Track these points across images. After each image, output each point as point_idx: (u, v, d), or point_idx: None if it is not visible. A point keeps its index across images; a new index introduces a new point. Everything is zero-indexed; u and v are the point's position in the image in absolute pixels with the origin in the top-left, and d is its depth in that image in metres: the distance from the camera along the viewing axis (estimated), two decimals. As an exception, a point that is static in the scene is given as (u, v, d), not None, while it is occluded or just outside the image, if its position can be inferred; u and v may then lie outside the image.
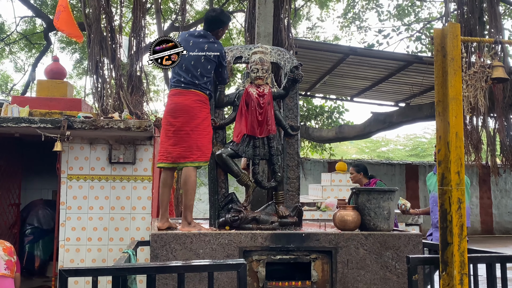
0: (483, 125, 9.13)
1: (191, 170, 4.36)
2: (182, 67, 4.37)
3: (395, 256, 4.20)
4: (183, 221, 4.39)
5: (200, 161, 4.35)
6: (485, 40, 3.82)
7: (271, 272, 4.12)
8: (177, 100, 4.38)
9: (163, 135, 4.44)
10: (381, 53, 11.54)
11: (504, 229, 17.77)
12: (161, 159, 4.42)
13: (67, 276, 2.80)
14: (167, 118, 4.41)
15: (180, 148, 4.33)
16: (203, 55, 4.38)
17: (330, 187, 8.57)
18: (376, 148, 29.09)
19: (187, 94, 4.36)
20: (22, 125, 5.47)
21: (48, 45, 13.81)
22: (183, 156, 4.33)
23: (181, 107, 4.34)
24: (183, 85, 4.36)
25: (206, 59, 4.39)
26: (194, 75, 4.36)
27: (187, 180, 4.36)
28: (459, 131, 3.15)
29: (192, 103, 4.34)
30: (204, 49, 4.39)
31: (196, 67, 4.37)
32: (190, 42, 4.42)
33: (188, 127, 4.31)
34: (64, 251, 5.86)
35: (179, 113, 4.34)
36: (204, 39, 4.46)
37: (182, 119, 4.32)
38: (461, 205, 3.12)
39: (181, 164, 4.37)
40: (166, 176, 4.46)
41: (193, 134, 4.32)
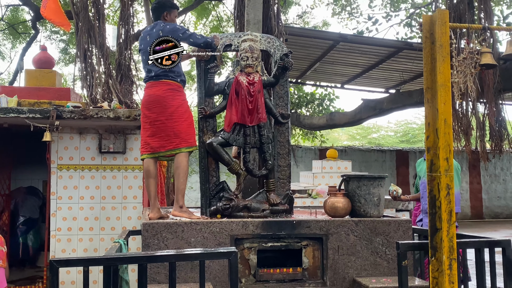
0: (473, 110, 9.18)
1: (182, 155, 4.44)
2: (147, 62, 4.42)
3: (385, 242, 4.24)
4: (175, 204, 4.46)
5: (181, 147, 4.42)
6: (474, 27, 3.82)
7: (262, 260, 4.15)
8: (150, 92, 4.46)
9: (142, 128, 4.53)
10: (371, 39, 11.53)
11: (494, 213, 17.97)
12: (142, 151, 4.53)
13: (58, 266, 2.80)
14: (143, 110, 4.50)
15: (158, 138, 4.41)
16: None
17: (321, 174, 8.59)
18: (367, 134, 29.18)
19: (158, 85, 4.43)
20: (10, 115, 5.43)
21: (36, 34, 13.65)
22: (162, 145, 4.41)
23: (154, 98, 4.41)
24: (154, 77, 4.43)
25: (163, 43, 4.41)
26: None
27: (179, 165, 4.44)
28: (447, 117, 3.16)
29: (163, 93, 4.40)
30: (160, 35, 4.43)
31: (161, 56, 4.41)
32: (147, 37, 4.49)
33: (162, 117, 4.38)
34: (56, 241, 5.85)
35: (153, 105, 4.41)
36: (156, 27, 4.51)
37: (156, 109, 4.40)
38: (450, 191, 3.15)
39: (162, 153, 4.45)
40: (148, 167, 4.50)
41: (169, 123, 4.39)
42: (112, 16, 14.75)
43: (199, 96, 4.80)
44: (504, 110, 9.48)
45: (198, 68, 4.81)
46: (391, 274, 4.20)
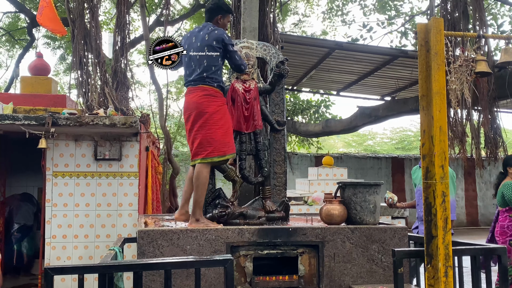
0: (468, 118, 9.21)
1: (202, 166, 4.28)
2: (190, 65, 4.35)
3: (381, 250, 4.24)
4: (192, 217, 4.33)
5: (213, 156, 4.26)
6: (469, 35, 3.85)
7: (258, 267, 4.13)
8: (187, 99, 4.38)
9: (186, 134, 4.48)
10: (366, 47, 11.57)
11: (489, 220, 17.95)
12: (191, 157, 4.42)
13: (53, 274, 2.79)
14: (184, 119, 4.42)
15: (196, 146, 4.30)
16: (205, 45, 4.31)
17: (317, 181, 8.60)
18: (362, 141, 29.22)
19: (195, 91, 4.32)
20: (6, 122, 5.41)
21: (32, 41, 13.65)
22: (196, 153, 4.30)
23: (191, 106, 4.32)
24: (192, 83, 4.34)
25: (209, 48, 4.30)
26: (202, 69, 4.30)
27: (198, 176, 4.29)
28: (443, 125, 3.17)
29: (199, 99, 4.28)
30: (205, 39, 4.32)
31: (202, 59, 4.30)
32: (193, 39, 4.39)
33: (197, 124, 4.27)
34: (50, 249, 5.82)
35: (189, 111, 4.33)
36: (204, 30, 4.40)
37: (193, 117, 4.30)
38: (445, 198, 3.15)
39: (197, 161, 4.31)
40: (190, 171, 4.46)
41: (203, 130, 4.26)
42: (108, 23, 14.75)
43: (195, 103, 4.80)
44: (499, 118, 9.51)
45: None
46: (387, 281, 4.20)
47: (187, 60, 4.36)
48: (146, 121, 6.41)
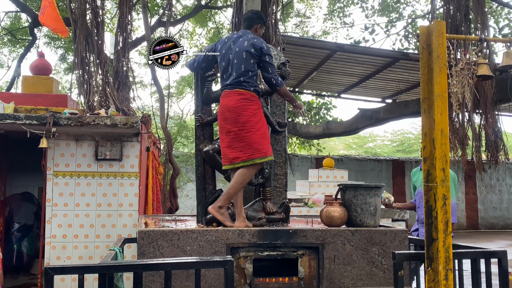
0: (469, 121, 9.21)
1: (246, 169, 4.32)
2: (227, 70, 4.36)
3: (381, 252, 4.24)
4: (239, 217, 4.37)
5: (254, 158, 4.28)
6: (470, 38, 3.85)
7: (258, 269, 4.13)
8: (223, 102, 4.36)
9: (220, 138, 4.45)
10: (368, 49, 11.58)
11: (489, 224, 17.98)
12: (223, 162, 4.43)
13: (53, 274, 2.79)
14: (219, 121, 4.41)
15: (233, 150, 4.31)
16: (244, 51, 4.32)
17: (318, 183, 8.59)
18: (363, 144, 29.22)
19: (231, 95, 4.33)
20: (7, 121, 5.41)
21: (33, 40, 13.65)
22: (237, 156, 4.30)
23: (227, 109, 4.32)
24: (229, 86, 4.34)
25: (248, 54, 4.31)
26: (239, 72, 4.31)
27: (238, 179, 4.33)
28: (444, 128, 3.17)
29: (236, 103, 4.29)
30: (245, 45, 4.34)
31: (240, 64, 4.31)
32: (231, 44, 4.41)
33: (235, 128, 4.28)
34: (50, 249, 5.82)
35: (227, 115, 4.32)
36: (244, 37, 4.42)
37: (230, 120, 4.30)
38: (446, 201, 3.15)
39: (236, 165, 4.32)
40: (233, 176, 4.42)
41: (242, 133, 4.28)
42: (107, 24, 14.76)
43: (196, 104, 4.81)
44: (500, 121, 9.52)
45: (196, 76, 4.81)
46: (387, 284, 4.19)
47: (225, 64, 4.38)
48: (147, 121, 6.42)
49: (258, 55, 4.33)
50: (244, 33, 4.47)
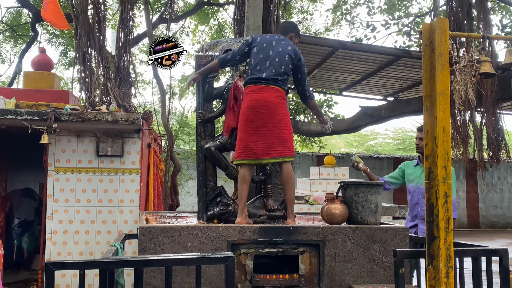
0: (471, 119, 9.20)
1: (289, 165, 4.36)
2: (265, 63, 4.33)
3: (382, 250, 4.23)
4: (290, 215, 4.39)
5: (284, 156, 4.31)
6: (473, 35, 3.83)
7: (259, 265, 4.13)
8: (258, 96, 4.30)
9: (242, 131, 4.34)
10: (370, 47, 11.56)
11: (490, 222, 17.98)
12: (243, 156, 4.32)
13: (53, 269, 2.78)
14: (247, 114, 4.31)
15: (263, 145, 4.27)
16: (287, 54, 4.37)
17: (319, 180, 8.59)
18: (364, 141, 29.21)
19: (267, 90, 4.30)
20: (8, 117, 5.41)
21: (35, 36, 13.65)
22: (266, 152, 4.27)
23: (263, 104, 4.27)
24: (263, 81, 4.30)
25: (289, 58, 4.38)
26: (278, 71, 4.32)
27: (290, 175, 4.35)
28: (446, 125, 3.16)
29: (274, 99, 4.29)
30: (288, 49, 4.40)
31: (281, 63, 4.34)
32: (273, 42, 4.42)
33: (270, 123, 4.26)
34: (51, 244, 5.82)
35: (261, 110, 4.27)
36: (285, 41, 4.48)
37: (264, 115, 4.26)
38: (448, 199, 3.14)
39: (265, 161, 4.32)
40: (246, 172, 4.34)
41: (276, 130, 4.28)
42: (109, 20, 14.74)
43: (197, 101, 4.80)
44: (502, 120, 9.51)
45: None
46: (387, 281, 4.19)
47: (262, 57, 4.35)
48: (148, 118, 6.41)
49: (297, 64, 4.44)
50: (284, 38, 4.53)
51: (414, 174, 5.26)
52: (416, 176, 5.21)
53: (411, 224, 5.29)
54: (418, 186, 5.11)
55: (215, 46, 4.82)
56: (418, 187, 5.11)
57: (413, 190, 5.25)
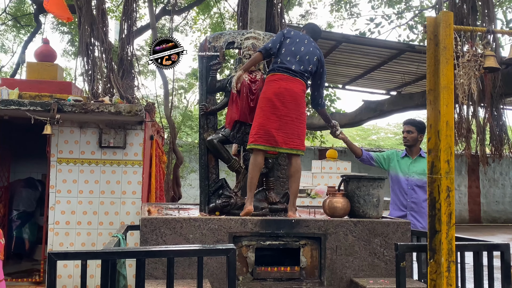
0: (474, 114, 9.17)
1: (299, 159, 4.44)
2: (296, 57, 4.38)
3: (384, 243, 4.24)
4: (292, 207, 4.41)
5: (299, 149, 4.37)
6: (478, 29, 3.82)
7: (260, 258, 4.14)
8: (287, 86, 4.32)
9: (264, 117, 4.29)
10: (373, 41, 11.52)
11: (492, 218, 17.98)
12: (260, 141, 4.27)
13: (56, 259, 2.79)
14: (273, 101, 4.29)
15: (283, 133, 4.29)
16: (316, 56, 4.47)
17: (321, 174, 8.60)
18: (367, 136, 29.18)
19: (295, 82, 4.36)
20: (11, 107, 5.42)
21: (39, 26, 13.63)
22: (285, 142, 4.30)
23: (291, 94, 4.31)
24: (291, 72, 4.34)
25: (317, 61, 4.49)
26: (306, 68, 4.40)
27: (299, 168, 4.42)
28: (449, 120, 3.16)
29: (301, 92, 4.38)
30: (317, 52, 4.51)
31: (309, 62, 4.42)
32: (305, 40, 4.48)
33: (294, 114, 4.31)
34: (54, 235, 5.85)
35: (289, 99, 4.30)
36: (315, 45, 4.57)
37: (291, 105, 4.30)
38: (450, 193, 3.14)
39: (282, 150, 4.34)
40: (259, 158, 4.32)
41: (297, 122, 4.34)
42: (114, 11, 14.72)
43: (200, 93, 4.80)
44: (505, 115, 9.48)
45: (200, 65, 4.79)
46: (388, 275, 4.20)
47: (294, 50, 4.39)
48: (151, 110, 6.41)
49: (320, 70, 4.56)
50: (314, 41, 4.60)
51: (401, 165, 5.21)
52: (404, 166, 5.18)
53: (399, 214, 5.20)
54: (407, 177, 5.08)
55: (218, 38, 4.81)
56: (407, 178, 5.07)
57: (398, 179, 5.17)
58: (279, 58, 4.39)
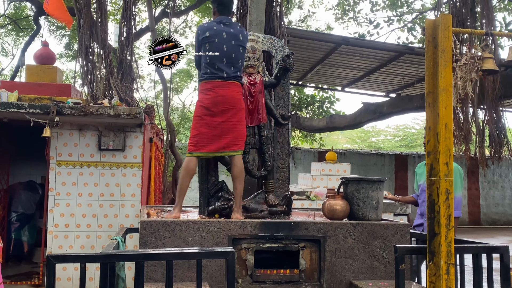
0: (473, 116, 9.18)
1: (241, 159, 4.43)
2: (221, 60, 4.29)
3: (383, 246, 4.24)
4: (238, 208, 4.39)
5: (241, 150, 4.41)
6: (477, 32, 3.82)
7: (259, 260, 4.14)
8: (222, 92, 4.31)
9: (203, 126, 4.33)
10: (373, 43, 11.53)
11: (491, 220, 17.95)
12: (201, 149, 4.34)
13: (55, 262, 2.79)
14: (210, 108, 4.31)
15: (227, 139, 4.32)
16: (240, 45, 4.37)
17: (320, 176, 8.59)
18: (366, 138, 29.18)
19: (231, 86, 4.34)
20: (10, 110, 5.42)
21: (38, 29, 13.64)
22: (228, 146, 4.33)
23: (227, 100, 4.30)
24: (225, 77, 4.31)
25: (243, 49, 4.42)
26: (237, 67, 4.36)
27: (242, 169, 4.42)
28: (448, 122, 3.16)
29: (237, 95, 4.36)
30: (240, 39, 4.39)
31: (238, 58, 4.36)
32: (223, 34, 4.34)
33: (235, 119, 4.32)
34: (53, 237, 5.84)
35: (225, 106, 4.30)
36: (235, 28, 4.42)
37: (230, 112, 4.30)
38: (449, 196, 3.14)
39: (225, 153, 4.37)
40: (193, 165, 4.38)
41: (239, 125, 4.35)
42: (114, 14, 14.73)
43: (200, 95, 4.79)
44: (504, 117, 9.48)
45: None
46: (388, 277, 4.20)
47: (219, 54, 4.30)
48: (150, 112, 6.41)
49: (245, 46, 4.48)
50: (231, 22, 4.47)
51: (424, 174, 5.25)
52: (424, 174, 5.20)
53: (419, 222, 5.28)
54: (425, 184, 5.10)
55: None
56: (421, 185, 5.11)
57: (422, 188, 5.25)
58: (208, 65, 4.33)
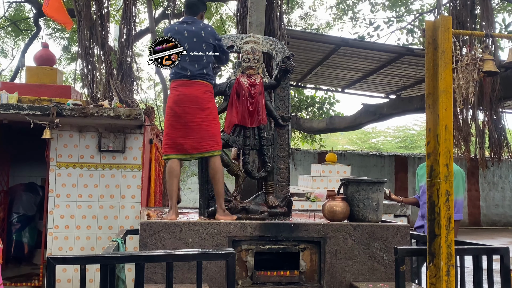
0: (473, 118, 9.17)
1: (218, 159, 4.35)
2: (184, 60, 4.26)
3: (383, 247, 4.24)
4: (219, 209, 4.34)
5: (214, 150, 4.32)
6: (476, 34, 3.83)
7: (259, 262, 4.14)
8: (185, 91, 4.29)
9: (170, 126, 4.33)
10: (373, 44, 11.53)
11: (491, 221, 17.95)
12: (169, 151, 4.34)
13: (55, 264, 2.79)
14: (174, 109, 4.30)
15: (191, 140, 4.28)
16: (203, 42, 4.32)
17: (320, 177, 8.59)
18: (366, 139, 29.19)
19: (194, 85, 4.30)
20: (10, 111, 5.41)
21: (38, 31, 13.65)
22: (195, 147, 4.29)
23: (190, 98, 4.27)
24: (189, 77, 4.29)
25: (207, 46, 4.34)
26: (201, 64, 4.31)
27: (217, 169, 4.34)
28: (448, 123, 3.16)
29: (201, 94, 4.30)
30: (202, 36, 4.33)
31: (201, 56, 4.30)
32: (184, 33, 4.32)
33: (198, 118, 4.27)
34: (53, 239, 5.84)
35: (188, 105, 4.27)
36: (197, 26, 4.37)
37: (192, 110, 4.26)
38: (449, 197, 3.14)
39: (194, 155, 4.34)
40: (175, 166, 4.35)
41: (204, 125, 4.28)
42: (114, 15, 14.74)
43: (200, 97, 4.78)
44: (504, 118, 9.48)
45: None
46: (388, 279, 4.19)
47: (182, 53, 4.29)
48: (150, 113, 6.41)
49: (215, 44, 4.39)
50: (193, 20, 4.43)
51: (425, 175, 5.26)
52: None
53: (420, 223, 5.28)
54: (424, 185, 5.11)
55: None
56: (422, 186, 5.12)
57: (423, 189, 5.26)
58: None
